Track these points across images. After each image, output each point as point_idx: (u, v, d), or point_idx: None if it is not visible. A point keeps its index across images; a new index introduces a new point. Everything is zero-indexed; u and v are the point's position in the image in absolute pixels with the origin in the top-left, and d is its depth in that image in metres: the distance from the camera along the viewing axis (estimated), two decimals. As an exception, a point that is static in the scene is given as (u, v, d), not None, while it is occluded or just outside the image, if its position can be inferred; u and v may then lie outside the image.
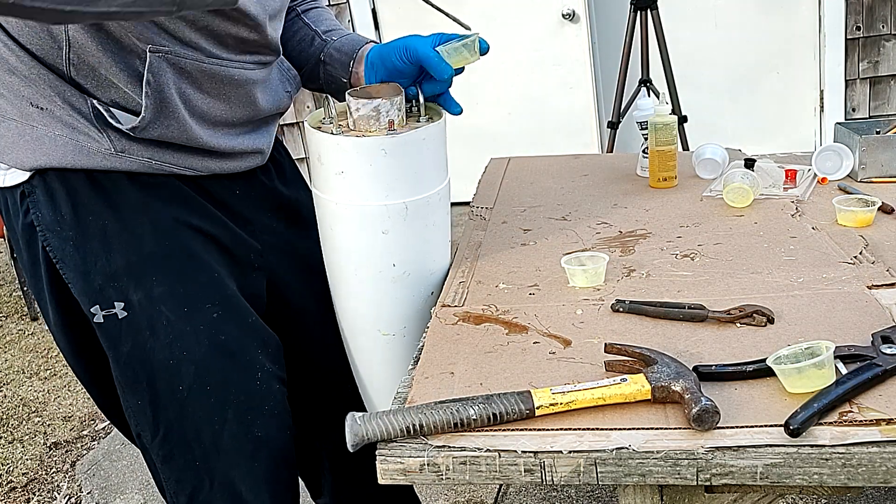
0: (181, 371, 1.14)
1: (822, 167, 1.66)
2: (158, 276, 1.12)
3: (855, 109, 4.18)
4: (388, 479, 0.89)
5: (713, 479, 0.83)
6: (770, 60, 4.23)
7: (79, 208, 1.09)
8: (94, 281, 1.10)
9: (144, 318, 1.12)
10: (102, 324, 1.11)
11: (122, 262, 1.10)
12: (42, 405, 3.07)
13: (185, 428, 1.16)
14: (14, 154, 1.06)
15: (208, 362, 1.15)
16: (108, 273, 1.10)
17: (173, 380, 1.14)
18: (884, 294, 1.12)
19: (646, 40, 3.37)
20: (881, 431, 0.82)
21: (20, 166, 1.07)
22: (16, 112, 1.05)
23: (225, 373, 1.17)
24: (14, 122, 1.05)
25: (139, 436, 1.20)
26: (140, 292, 1.11)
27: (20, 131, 1.05)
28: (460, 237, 1.57)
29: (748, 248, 1.34)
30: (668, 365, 0.93)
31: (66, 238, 1.09)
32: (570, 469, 0.85)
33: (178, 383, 1.14)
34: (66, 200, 1.08)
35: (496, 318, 1.18)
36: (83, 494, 2.46)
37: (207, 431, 1.16)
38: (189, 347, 1.14)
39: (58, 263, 1.10)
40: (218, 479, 1.18)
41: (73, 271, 1.10)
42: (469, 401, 0.91)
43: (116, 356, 1.13)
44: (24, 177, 1.08)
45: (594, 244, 1.43)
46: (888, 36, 4.04)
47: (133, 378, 1.14)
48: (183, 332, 1.13)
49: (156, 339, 1.12)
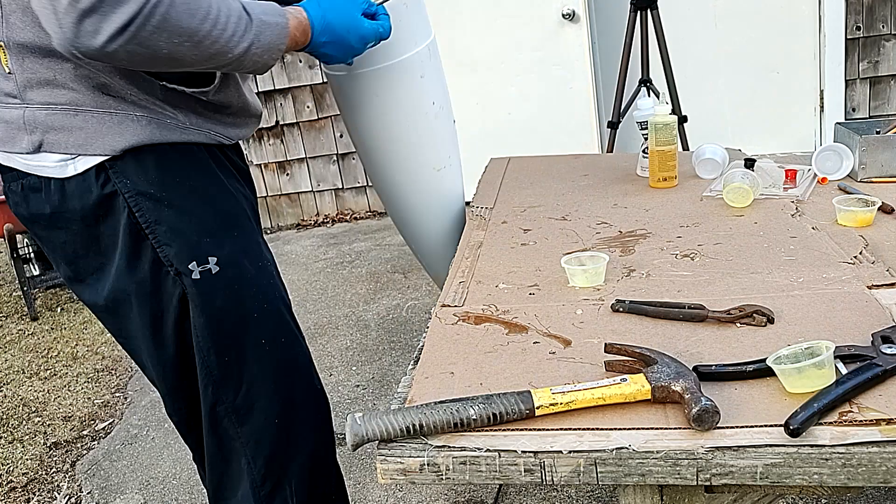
0: (263, 324, 1.23)
1: (822, 167, 1.66)
2: (237, 232, 1.21)
3: (855, 109, 4.18)
4: (388, 479, 0.89)
5: (713, 479, 0.83)
6: (770, 60, 4.23)
7: (166, 174, 1.15)
8: (190, 237, 1.16)
9: (233, 272, 1.19)
10: (199, 280, 1.17)
11: (210, 219, 1.18)
12: (42, 405, 3.07)
13: (265, 382, 1.24)
14: (101, 141, 1.11)
15: (280, 316, 1.26)
16: (202, 229, 1.17)
17: (258, 332, 1.22)
18: (884, 294, 1.12)
19: (646, 40, 3.37)
20: (881, 431, 0.82)
21: (111, 151, 1.11)
22: (92, 102, 1.10)
23: (290, 326, 1.27)
24: (91, 112, 1.10)
25: (216, 403, 1.24)
26: (227, 247, 1.19)
27: (100, 119, 1.10)
28: (460, 237, 1.57)
29: (748, 248, 1.34)
30: (668, 365, 0.93)
31: (160, 200, 1.14)
32: (570, 469, 0.85)
33: (261, 336, 1.22)
34: (156, 168, 1.14)
35: (496, 318, 1.18)
36: (83, 494, 2.46)
37: (282, 384, 1.25)
38: (268, 300, 1.23)
39: (147, 228, 1.14)
40: (293, 434, 1.27)
41: (168, 231, 1.15)
42: (469, 401, 0.91)
43: (210, 312, 1.19)
44: (100, 159, 1.12)
45: (594, 244, 1.43)
46: (888, 36, 4.04)
47: (224, 333, 1.20)
48: (261, 285, 1.23)
49: (243, 293, 1.20)
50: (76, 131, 1.09)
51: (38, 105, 1.09)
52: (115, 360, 3.41)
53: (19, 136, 1.11)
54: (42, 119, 1.09)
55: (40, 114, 1.09)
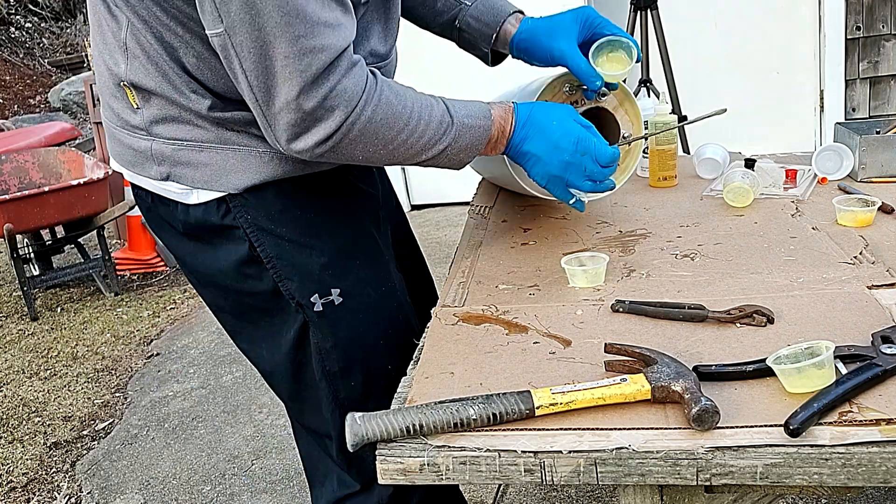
0: (390, 350, 1.22)
1: (822, 167, 1.66)
2: (360, 260, 1.21)
3: (855, 109, 4.18)
4: (388, 479, 0.89)
5: (713, 479, 0.83)
6: (770, 60, 4.23)
7: (287, 209, 1.15)
8: (313, 271, 1.16)
9: (356, 302, 1.19)
10: (322, 312, 1.17)
11: (332, 252, 1.18)
12: (42, 405, 3.07)
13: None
14: (225, 179, 1.12)
15: (404, 340, 1.24)
16: (324, 263, 1.17)
17: (385, 359, 1.22)
18: (884, 294, 1.12)
19: (646, 40, 3.37)
20: (881, 431, 0.82)
21: (234, 189, 1.12)
22: (216, 139, 1.10)
23: (411, 352, 1.25)
24: (216, 149, 1.11)
25: (332, 427, 1.24)
26: (350, 277, 1.19)
27: (224, 157, 1.11)
28: (460, 237, 1.57)
29: (748, 248, 1.34)
30: (668, 365, 0.93)
31: (280, 236, 1.15)
32: (570, 469, 0.85)
33: (388, 362, 1.22)
34: (276, 204, 1.14)
35: (496, 319, 1.18)
36: (83, 494, 2.46)
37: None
38: (394, 326, 1.23)
39: (268, 262, 1.15)
40: None
41: (288, 267, 1.15)
42: (469, 401, 0.91)
43: (336, 342, 1.19)
44: (219, 194, 1.13)
45: (594, 244, 1.43)
46: (888, 36, 4.04)
47: (350, 361, 1.20)
48: (385, 312, 1.23)
49: (368, 321, 1.21)
50: (201, 167, 1.11)
51: (164, 140, 1.11)
52: (115, 360, 3.41)
53: (149, 164, 1.14)
54: (169, 153, 1.11)
55: (167, 148, 1.11)
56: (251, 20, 0.92)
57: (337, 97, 0.99)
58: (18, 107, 8.66)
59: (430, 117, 1.08)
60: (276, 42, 0.93)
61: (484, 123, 1.14)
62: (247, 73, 0.96)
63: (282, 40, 0.93)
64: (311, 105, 0.98)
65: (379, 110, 1.03)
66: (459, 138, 1.12)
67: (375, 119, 1.03)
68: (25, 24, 9.89)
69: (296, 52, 0.94)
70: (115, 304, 4.04)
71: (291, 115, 0.99)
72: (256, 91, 0.98)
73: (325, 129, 1.00)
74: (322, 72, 0.97)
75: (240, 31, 0.93)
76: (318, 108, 0.98)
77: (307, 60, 0.95)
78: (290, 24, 0.93)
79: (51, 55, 9.73)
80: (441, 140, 1.10)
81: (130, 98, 1.11)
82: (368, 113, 1.02)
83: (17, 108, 8.63)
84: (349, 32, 1.00)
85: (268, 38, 0.93)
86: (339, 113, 1.00)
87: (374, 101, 1.03)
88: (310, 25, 0.94)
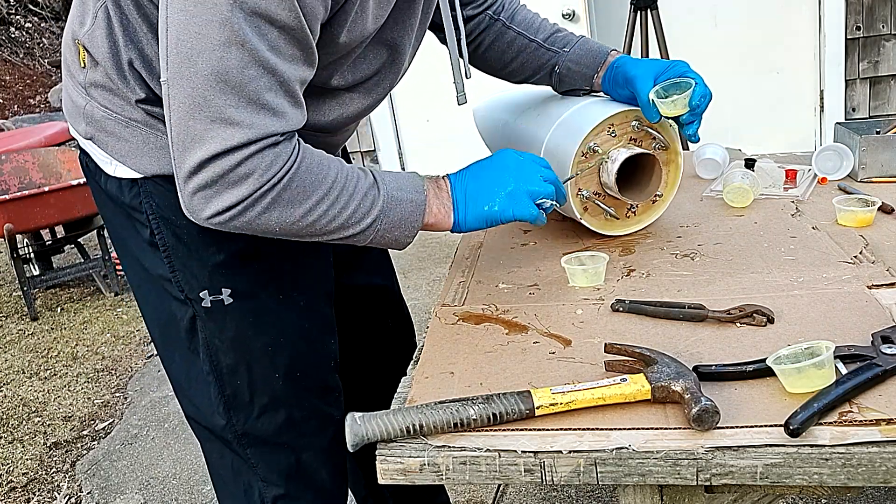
0: (276, 357, 1.22)
1: (822, 167, 1.66)
2: (259, 266, 1.19)
3: (855, 109, 4.18)
4: (388, 479, 0.89)
5: (713, 479, 0.83)
6: (770, 60, 4.23)
7: None
8: (205, 268, 1.16)
9: (249, 305, 1.18)
10: (210, 308, 1.17)
11: (230, 252, 1.16)
12: (42, 405, 3.07)
13: (277, 412, 1.24)
14: (139, 159, 1.12)
15: (299, 349, 1.24)
16: (218, 261, 1.16)
17: (271, 364, 1.22)
18: (884, 294, 1.12)
19: (646, 40, 3.37)
20: (881, 431, 0.82)
21: (143, 171, 1.12)
22: (143, 120, 1.11)
23: (311, 360, 1.26)
24: (140, 129, 1.11)
25: (223, 425, 1.24)
26: (244, 280, 1.18)
27: (145, 139, 1.11)
28: (460, 237, 1.57)
29: (748, 247, 1.34)
30: (668, 365, 0.93)
31: (181, 227, 1.14)
32: (570, 469, 0.85)
33: (275, 370, 1.22)
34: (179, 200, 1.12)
35: (496, 318, 1.18)
36: (83, 494, 2.46)
37: (297, 415, 1.25)
38: (285, 335, 1.22)
39: (164, 251, 1.16)
40: (304, 460, 1.28)
41: (182, 259, 1.16)
42: (469, 401, 0.91)
43: (221, 340, 1.19)
44: (134, 174, 1.13)
45: (594, 244, 1.43)
46: (888, 36, 4.04)
47: (234, 363, 1.20)
48: (279, 321, 1.21)
49: (258, 326, 1.20)
50: (122, 141, 1.12)
51: (97, 104, 1.12)
52: (115, 360, 3.41)
53: (79, 120, 1.16)
54: (98, 118, 1.13)
55: (98, 112, 1.12)
56: (189, 75, 0.91)
57: (252, 165, 0.96)
58: (18, 107, 8.67)
59: (355, 188, 1.05)
60: (205, 104, 0.92)
61: (416, 197, 1.10)
62: (171, 123, 0.95)
63: (211, 105, 0.92)
64: (220, 170, 0.95)
65: (296, 179, 0.99)
66: (388, 212, 1.07)
67: (291, 187, 0.99)
68: (25, 24, 9.89)
69: (221, 119, 0.93)
70: (115, 303, 4.04)
71: (199, 177, 0.95)
72: (175, 145, 0.95)
73: (233, 196, 0.97)
74: (242, 144, 0.94)
75: (175, 81, 0.92)
76: (227, 175, 0.95)
77: (229, 130, 0.93)
78: (224, 91, 0.91)
79: (51, 55, 9.73)
80: (367, 213, 1.06)
81: (81, 56, 1.12)
82: (283, 183, 0.98)
83: (17, 108, 8.64)
84: (292, 122, 0.98)
85: (197, 99, 0.92)
86: (251, 182, 0.96)
87: (291, 172, 0.99)
88: (244, 100, 0.93)
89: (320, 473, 1.31)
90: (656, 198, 1.45)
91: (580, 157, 1.35)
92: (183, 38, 0.90)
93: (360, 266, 1.49)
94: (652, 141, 1.40)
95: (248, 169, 0.95)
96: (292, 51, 0.95)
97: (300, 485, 1.30)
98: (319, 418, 1.29)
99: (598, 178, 1.39)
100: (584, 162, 1.36)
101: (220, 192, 0.96)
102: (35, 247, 4.24)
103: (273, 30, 0.91)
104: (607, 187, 1.38)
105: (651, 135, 1.39)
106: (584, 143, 1.34)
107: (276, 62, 0.93)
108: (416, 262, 3.97)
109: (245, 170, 0.95)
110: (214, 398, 1.23)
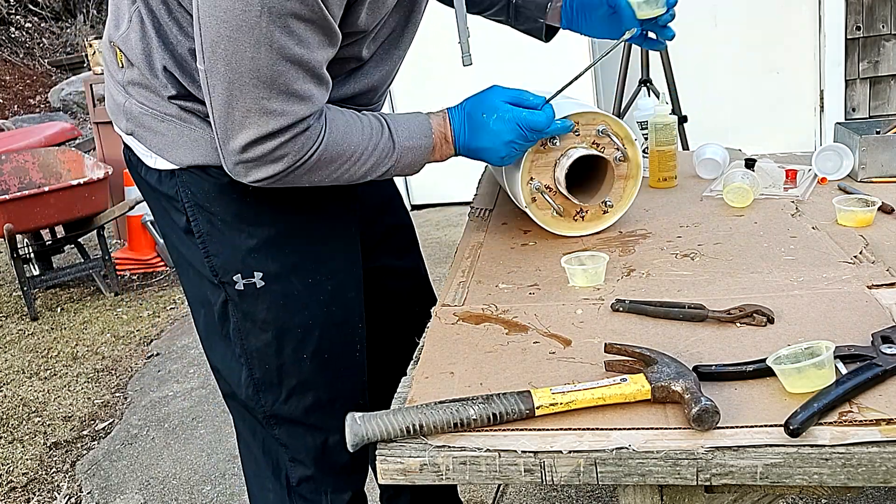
0: (306, 339, 1.26)
1: (822, 167, 1.66)
2: (290, 249, 1.25)
3: (855, 109, 4.18)
4: (388, 479, 0.89)
5: (713, 479, 0.83)
6: (770, 60, 4.23)
7: (225, 192, 1.21)
8: (238, 253, 1.22)
9: (279, 287, 1.24)
10: (243, 291, 1.23)
11: (262, 237, 1.23)
12: (42, 405, 3.07)
13: (305, 394, 1.28)
14: (175, 152, 1.20)
15: (328, 332, 1.28)
16: (251, 246, 1.22)
17: (300, 347, 1.26)
18: (884, 294, 1.12)
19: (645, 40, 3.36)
20: (881, 431, 0.82)
21: (179, 163, 1.20)
22: (178, 115, 1.18)
23: (339, 343, 1.30)
24: (175, 123, 1.18)
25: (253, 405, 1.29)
26: (276, 264, 1.23)
27: (180, 132, 1.18)
28: (460, 237, 1.57)
29: (748, 247, 1.34)
30: (668, 365, 0.93)
31: (214, 213, 1.21)
32: (570, 469, 0.85)
33: (303, 351, 1.27)
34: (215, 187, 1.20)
35: (496, 318, 1.18)
36: (83, 494, 2.47)
37: (324, 398, 1.30)
38: (314, 318, 1.27)
39: (199, 237, 1.23)
40: (329, 443, 1.32)
41: (216, 244, 1.22)
42: (469, 401, 0.91)
43: (252, 322, 1.25)
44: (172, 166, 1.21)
45: (594, 244, 1.43)
46: (888, 36, 4.04)
47: (265, 344, 1.25)
48: (309, 302, 1.26)
49: (289, 308, 1.25)
50: (158, 135, 1.20)
51: (136, 101, 1.20)
52: (115, 360, 3.41)
53: (121, 117, 1.24)
54: (136, 114, 1.20)
55: (136, 109, 1.20)
56: (225, 71, 1.01)
57: (287, 149, 1.08)
58: (18, 107, 8.67)
59: (376, 145, 1.18)
60: (242, 97, 1.03)
61: (424, 143, 1.23)
62: (213, 109, 1.06)
63: (247, 97, 1.03)
64: (260, 153, 1.07)
65: (324, 152, 1.12)
66: (402, 158, 1.21)
67: (320, 159, 1.12)
68: (25, 24, 9.89)
69: (257, 109, 1.04)
70: (115, 304, 4.04)
71: (242, 156, 1.08)
72: (218, 128, 1.07)
73: (271, 170, 1.10)
74: (278, 130, 1.06)
75: (214, 75, 1.03)
76: (266, 156, 1.08)
77: (265, 119, 1.05)
78: (258, 86, 1.02)
79: (51, 55, 9.73)
80: (384, 163, 1.20)
81: (118, 57, 1.21)
82: (315, 157, 1.11)
83: (17, 108, 8.64)
84: (318, 102, 1.09)
85: (234, 92, 1.03)
86: (286, 160, 1.09)
87: (321, 148, 1.12)
88: (276, 92, 1.03)
89: (343, 456, 1.34)
90: (608, 208, 1.46)
91: (539, 146, 1.37)
92: (217, 41, 1.00)
93: (388, 249, 1.53)
94: (614, 150, 1.41)
95: (283, 151, 1.08)
96: (318, 38, 1.03)
97: (324, 466, 1.33)
98: (345, 401, 1.32)
99: (553, 173, 1.40)
100: (542, 153, 1.38)
101: (258, 166, 1.09)
102: (35, 247, 4.24)
103: (300, 24, 1.00)
104: (558, 182, 1.39)
105: (614, 144, 1.41)
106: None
107: (303, 53, 1.03)
108: (416, 262, 3.96)
109: (281, 152, 1.08)
110: (245, 380, 1.28)
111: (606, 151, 1.41)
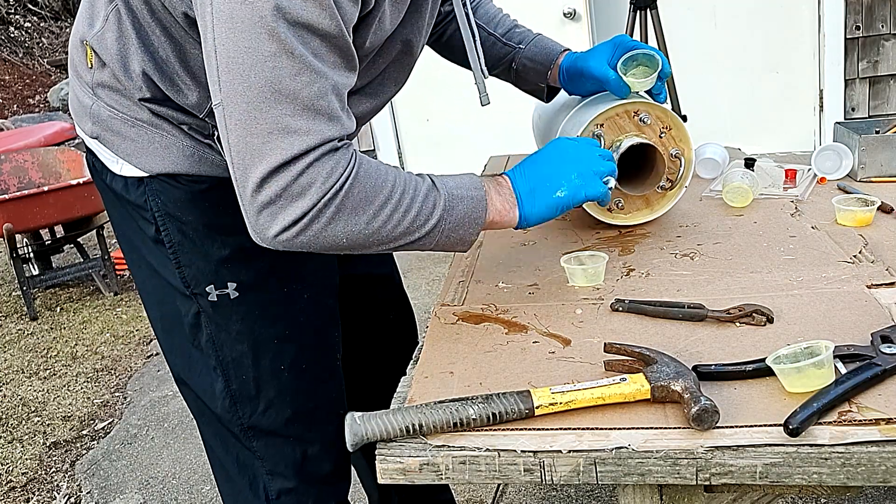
0: (284, 349, 1.23)
1: (821, 167, 1.66)
2: (265, 260, 1.18)
3: (854, 109, 4.18)
4: (387, 478, 0.89)
5: (712, 478, 0.83)
6: (770, 60, 4.23)
7: (196, 200, 1.16)
8: (210, 263, 1.18)
9: (253, 297, 1.20)
10: (216, 302, 1.19)
11: (235, 246, 1.17)
12: (42, 405, 3.07)
13: (284, 405, 1.25)
14: (144, 158, 1.15)
15: (306, 341, 1.26)
16: (223, 256, 1.18)
17: (277, 357, 1.23)
18: (883, 293, 1.12)
19: (646, 40, 3.37)
20: (880, 431, 0.82)
21: (149, 170, 1.15)
22: (149, 120, 1.14)
23: (318, 352, 1.28)
24: (145, 128, 1.14)
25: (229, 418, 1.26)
26: (250, 274, 1.20)
27: (150, 138, 1.14)
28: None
29: (748, 247, 1.34)
30: (668, 364, 0.93)
31: (186, 223, 1.17)
32: (569, 469, 0.85)
33: (281, 361, 1.24)
34: (186, 196, 1.16)
35: (496, 318, 1.18)
36: (83, 494, 2.47)
37: (303, 408, 1.27)
38: (291, 327, 1.24)
39: (171, 248, 1.18)
40: (310, 453, 1.30)
41: (188, 255, 1.18)
42: (469, 400, 0.91)
43: (227, 334, 1.21)
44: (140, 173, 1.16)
45: (594, 244, 1.43)
46: (888, 36, 4.04)
47: (241, 355, 1.22)
48: (286, 311, 1.23)
49: (264, 319, 1.21)
50: (128, 140, 1.15)
51: (104, 104, 1.15)
52: (114, 360, 3.41)
53: (86, 119, 1.19)
54: (104, 118, 1.16)
55: (104, 112, 1.16)
56: (243, 90, 0.92)
57: (313, 174, 0.96)
58: (18, 106, 8.66)
59: (415, 190, 1.04)
60: (262, 117, 0.93)
61: (476, 194, 1.09)
62: (231, 146, 0.96)
63: (268, 116, 0.93)
64: (284, 183, 0.95)
65: (357, 185, 0.99)
66: (453, 210, 1.07)
67: (353, 194, 0.99)
68: (25, 24, 9.89)
69: (279, 129, 0.93)
70: (115, 303, 4.04)
71: (262, 193, 0.96)
72: (236, 167, 0.96)
73: (299, 209, 0.96)
74: (302, 152, 0.95)
75: (231, 102, 0.93)
76: (290, 187, 0.95)
77: (288, 139, 0.94)
78: (280, 101, 0.92)
79: (50, 55, 9.73)
80: (432, 215, 1.05)
81: (88, 56, 1.16)
82: (345, 189, 0.98)
83: (16, 107, 8.63)
84: (346, 127, 0.99)
85: (254, 113, 0.93)
86: (313, 192, 0.96)
87: (351, 178, 0.99)
88: (300, 108, 0.93)
89: (325, 466, 1.32)
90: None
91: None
92: (233, 55, 0.91)
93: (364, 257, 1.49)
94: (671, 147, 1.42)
95: (310, 178, 0.95)
96: (334, 58, 0.96)
97: (306, 478, 1.31)
98: (325, 411, 1.30)
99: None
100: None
101: (284, 206, 0.96)
102: (34, 246, 4.24)
103: (315, 38, 0.92)
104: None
105: (673, 142, 1.42)
106: (586, 131, 1.36)
107: (323, 68, 0.94)
108: (416, 262, 3.97)
109: (307, 179, 0.95)
110: (220, 392, 1.24)
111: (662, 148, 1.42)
